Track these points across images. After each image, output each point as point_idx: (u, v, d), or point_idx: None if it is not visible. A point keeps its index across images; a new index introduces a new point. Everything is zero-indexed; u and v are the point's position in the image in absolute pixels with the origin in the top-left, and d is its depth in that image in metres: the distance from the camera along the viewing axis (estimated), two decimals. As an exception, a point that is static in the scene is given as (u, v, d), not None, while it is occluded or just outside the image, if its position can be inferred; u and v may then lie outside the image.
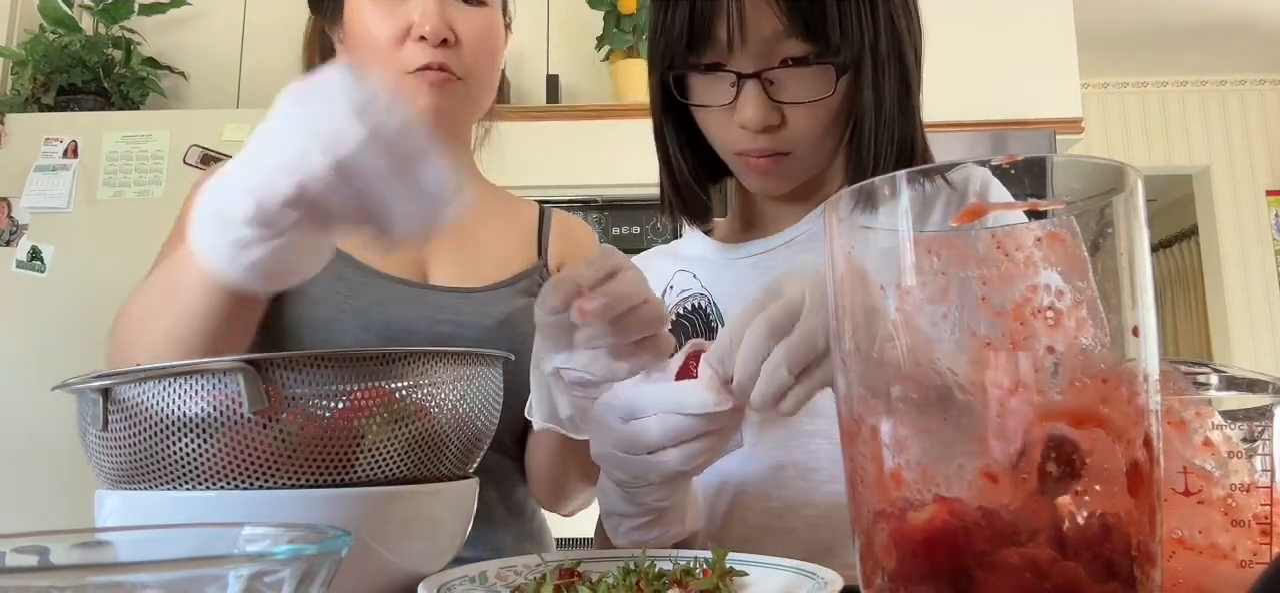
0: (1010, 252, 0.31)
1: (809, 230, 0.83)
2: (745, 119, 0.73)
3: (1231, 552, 0.37)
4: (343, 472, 0.49)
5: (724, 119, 0.75)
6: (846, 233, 0.34)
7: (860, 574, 0.34)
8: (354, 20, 0.94)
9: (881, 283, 0.33)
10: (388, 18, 0.92)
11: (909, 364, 0.31)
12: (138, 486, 0.50)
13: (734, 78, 0.73)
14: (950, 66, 2.82)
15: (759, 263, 0.84)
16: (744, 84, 0.73)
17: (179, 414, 0.48)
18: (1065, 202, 0.31)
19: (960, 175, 0.75)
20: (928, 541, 0.30)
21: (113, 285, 2.25)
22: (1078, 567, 0.29)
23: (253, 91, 2.78)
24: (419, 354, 0.52)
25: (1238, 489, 0.38)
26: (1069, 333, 0.30)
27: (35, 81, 2.55)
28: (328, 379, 0.50)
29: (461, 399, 0.55)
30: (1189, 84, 4.45)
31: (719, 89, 0.74)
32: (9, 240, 2.29)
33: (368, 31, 0.92)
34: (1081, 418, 0.29)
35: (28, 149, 2.33)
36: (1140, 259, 0.31)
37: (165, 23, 2.76)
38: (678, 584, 0.48)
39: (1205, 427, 0.38)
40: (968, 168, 0.58)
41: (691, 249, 0.91)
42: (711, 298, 0.85)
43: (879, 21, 0.73)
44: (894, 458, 0.32)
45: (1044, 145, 2.65)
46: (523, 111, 2.60)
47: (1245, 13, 3.80)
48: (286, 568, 0.28)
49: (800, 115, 0.74)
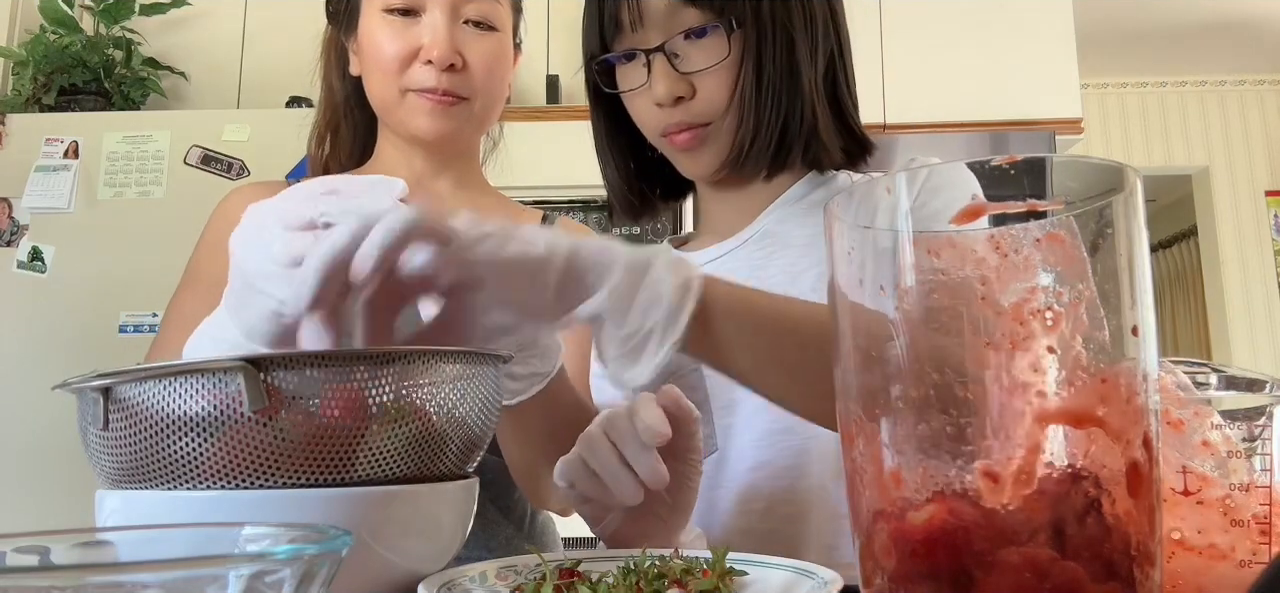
0: (1010, 252, 0.31)
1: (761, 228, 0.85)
2: (657, 93, 0.79)
3: (1231, 552, 0.37)
4: (342, 472, 0.49)
5: (645, 103, 0.81)
6: (846, 233, 0.34)
7: (860, 574, 0.34)
8: (366, 38, 0.96)
9: (881, 283, 0.33)
10: (398, 37, 0.93)
11: (909, 364, 0.31)
12: (138, 485, 0.50)
13: (644, 57, 0.78)
14: (950, 66, 2.83)
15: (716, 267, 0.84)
16: (652, 59, 0.78)
17: (180, 414, 0.48)
18: (1065, 201, 0.31)
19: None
20: (927, 540, 0.30)
21: (113, 286, 2.26)
22: (1077, 567, 0.29)
23: (253, 91, 2.78)
24: (419, 354, 0.52)
25: (1237, 489, 0.38)
26: (1068, 333, 0.30)
27: (36, 81, 2.55)
28: (327, 379, 0.50)
29: (461, 399, 0.55)
30: (1189, 84, 4.45)
31: (635, 73, 0.81)
32: (9, 240, 2.29)
33: (378, 49, 0.94)
34: (1081, 418, 0.29)
35: (28, 149, 2.33)
36: (1139, 259, 0.31)
37: (165, 23, 2.76)
38: (677, 585, 0.48)
39: (1204, 427, 0.38)
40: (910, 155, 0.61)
41: None
42: None
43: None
44: (894, 458, 0.32)
45: (1044, 145, 2.65)
46: (523, 112, 2.60)
47: (1245, 13, 3.80)
48: (286, 568, 0.28)
49: (707, 83, 0.78)
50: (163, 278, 1.74)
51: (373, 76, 0.96)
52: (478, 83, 0.95)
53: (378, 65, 0.94)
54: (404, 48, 0.93)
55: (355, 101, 1.04)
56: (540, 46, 2.81)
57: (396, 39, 0.93)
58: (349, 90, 1.04)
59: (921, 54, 2.81)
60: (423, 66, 0.93)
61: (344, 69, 1.03)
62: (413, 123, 0.95)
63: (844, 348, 0.34)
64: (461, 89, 0.94)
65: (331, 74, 1.05)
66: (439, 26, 0.92)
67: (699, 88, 0.78)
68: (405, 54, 0.93)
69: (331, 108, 1.06)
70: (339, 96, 1.05)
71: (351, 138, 1.07)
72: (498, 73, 0.98)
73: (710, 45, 0.77)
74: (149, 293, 2.21)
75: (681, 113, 0.79)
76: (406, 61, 0.93)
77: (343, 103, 1.05)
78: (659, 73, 0.78)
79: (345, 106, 1.05)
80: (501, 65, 0.99)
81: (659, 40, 0.78)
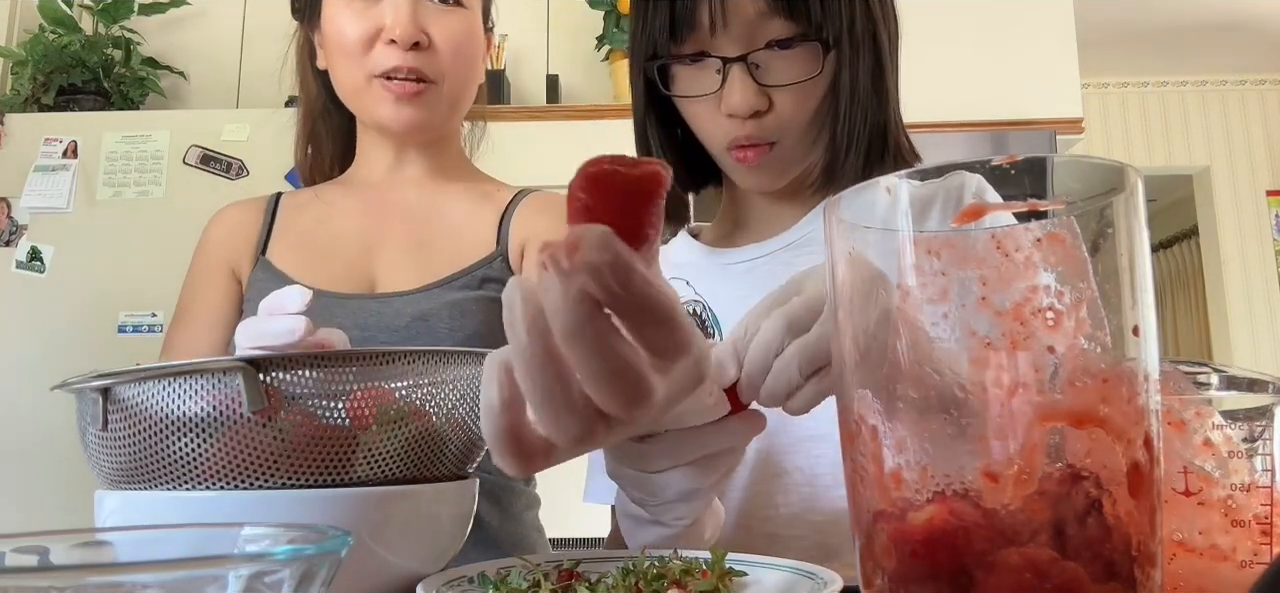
0: (1010, 252, 0.31)
1: (807, 233, 0.82)
2: (733, 104, 0.72)
3: (1232, 553, 0.37)
4: (342, 472, 0.49)
5: (711, 110, 0.75)
6: (846, 233, 0.34)
7: (860, 575, 0.34)
8: (329, 24, 0.93)
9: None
10: (359, 19, 0.90)
11: (909, 364, 0.31)
12: (137, 486, 0.50)
13: (719, 64, 0.72)
14: (950, 66, 2.83)
15: (756, 267, 0.82)
16: (729, 69, 0.72)
17: (179, 414, 0.48)
18: (1065, 201, 0.31)
19: (955, 182, 0.75)
20: (928, 541, 0.30)
21: (113, 285, 2.26)
22: (1078, 567, 0.29)
23: (253, 91, 2.78)
24: (419, 354, 0.52)
25: (1238, 490, 0.38)
26: (1069, 333, 0.30)
27: (35, 81, 2.55)
28: (327, 379, 0.50)
29: (460, 399, 0.55)
30: (1189, 84, 4.45)
31: (704, 78, 0.74)
32: (9, 240, 2.29)
33: (341, 33, 0.91)
34: (1081, 418, 0.29)
35: (28, 149, 2.33)
36: (1140, 259, 0.31)
37: (165, 23, 2.76)
38: (677, 585, 0.48)
39: (1205, 427, 0.38)
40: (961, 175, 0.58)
41: (681, 255, 0.89)
42: (706, 305, 0.83)
43: (855, 1, 0.73)
44: (894, 458, 0.32)
45: (1044, 145, 2.65)
46: (523, 111, 2.60)
47: (1245, 13, 3.80)
48: (286, 568, 0.28)
49: (787, 99, 0.73)
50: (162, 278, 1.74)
51: (337, 64, 0.93)
52: (445, 63, 0.92)
53: (341, 50, 0.92)
54: (366, 29, 0.90)
55: (329, 100, 1.02)
56: (540, 46, 2.81)
57: (357, 21, 0.90)
58: (321, 88, 1.02)
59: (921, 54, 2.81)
60: (386, 46, 0.90)
61: (316, 67, 1.01)
62: (378, 112, 0.92)
63: (844, 348, 0.34)
64: (428, 69, 0.91)
65: (306, 75, 1.03)
66: (401, 4, 0.89)
67: (777, 102, 0.73)
68: (367, 35, 0.90)
69: (309, 113, 1.04)
70: (315, 99, 1.03)
71: (331, 141, 1.05)
72: (466, 51, 0.95)
73: (798, 59, 0.72)
74: (148, 293, 2.21)
75: (753, 127, 0.73)
76: (369, 43, 0.90)
77: (320, 105, 1.03)
78: (738, 83, 0.72)
79: (321, 108, 1.03)
80: (470, 44, 0.95)
81: (739, 48, 0.72)
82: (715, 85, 0.73)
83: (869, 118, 0.75)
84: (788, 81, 0.72)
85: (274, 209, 1.02)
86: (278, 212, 1.02)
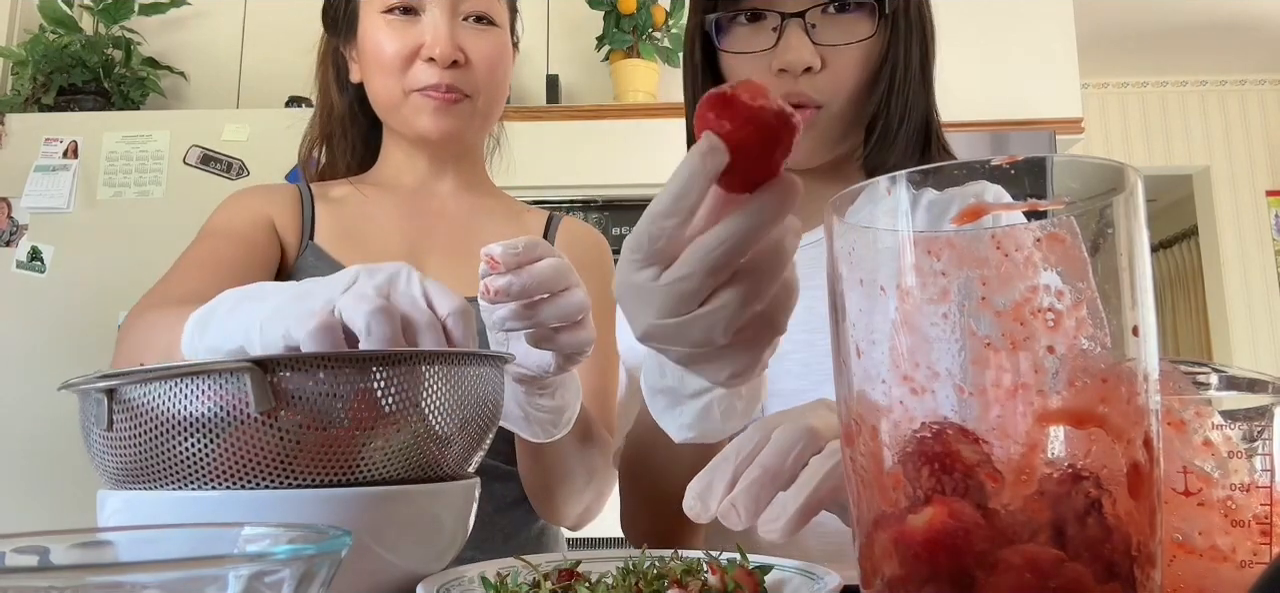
0: (1010, 252, 0.31)
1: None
2: (788, 59, 0.75)
3: (1232, 554, 0.37)
4: (343, 472, 0.49)
5: (761, 69, 0.77)
6: (846, 233, 0.34)
7: (860, 575, 0.34)
8: (366, 40, 0.96)
9: (881, 283, 0.33)
10: (399, 37, 0.93)
11: (909, 364, 0.31)
12: (142, 486, 0.50)
13: (778, 20, 0.75)
14: (950, 66, 2.81)
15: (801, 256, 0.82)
16: (787, 23, 0.75)
17: (185, 415, 0.48)
18: (1065, 201, 0.31)
19: (974, 189, 0.75)
20: (928, 541, 0.30)
21: (113, 285, 2.26)
22: (1080, 567, 0.29)
23: (253, 91, 2.78)
24: (421, 355, 0.52)
25: (1238, 490, 0.38)
26: (1069, 333, 0.30)
27: (35, 81, 2.55)
28: (331, 379, 0.50)
29: (463, 400, 0.55)
30: (1189, 84, 4.45)
31: (760, 35, 0.77)
32: (9, 240, 2.29)
33: (380, 50, 0.94)
34: (1082, 418, 0.29)
35: (28, 149, 2.33)
36: (1140, 259, 0.31)
37: (165, 23, 2.76)
38: (677, 585, 0.48)
39: (1205, 427, 0.38)
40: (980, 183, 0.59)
41: None
42: None
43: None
44: (894, 459, 0.32)
45: (1044, 145, 2.65)
46: (523, 111, 2.60)
47: (1245, 13, 3.80)
48: (286, 568, 0.28)
49: (840, 61, 0.76)
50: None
51: (375, 79, 0.96)
52: (480, 79, 0.96)
53: (380, 67, 0.94)
54: (405, 47, 0.93)
55: (357, 109, 1.04)
56: (540, 46, 2.81)
57: (397, 38, 0.93)
58: (350, 99, 1.04)
59: (921, 54, 2.81)
60: (425, 65, 0.93)
61: (342, 79, 1.03)
62: (417, 122, 0.95)
63: (844, 348, 0.34)
64: (464, 85, 0.95)
65: (329, 84, 1.05)
66: (440, 24, 0.93)
67: (829, 62, 0.76)
68: (407, 53, 0.93)
69: (327, 118, 1.06)
70: (338, 107, 1.05)
71: (350, 146, 1.06)
72: (499, 68, 0.98)
73: (852, 22, 0.76)
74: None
75: (807, 83, 0.76)
76: (408, 61, 0.94)
77: (344, 112, 1.05)
78: (794, 39, 0.75)
79: (345, 116, 1.05)
80: (503, 61, 0.99)
81: (798, 5, 0.75)
82: (769, 43, 0.76)
83: (918, 102, 0.78)
84: (843, 41, 0.75)
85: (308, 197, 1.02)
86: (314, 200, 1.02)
